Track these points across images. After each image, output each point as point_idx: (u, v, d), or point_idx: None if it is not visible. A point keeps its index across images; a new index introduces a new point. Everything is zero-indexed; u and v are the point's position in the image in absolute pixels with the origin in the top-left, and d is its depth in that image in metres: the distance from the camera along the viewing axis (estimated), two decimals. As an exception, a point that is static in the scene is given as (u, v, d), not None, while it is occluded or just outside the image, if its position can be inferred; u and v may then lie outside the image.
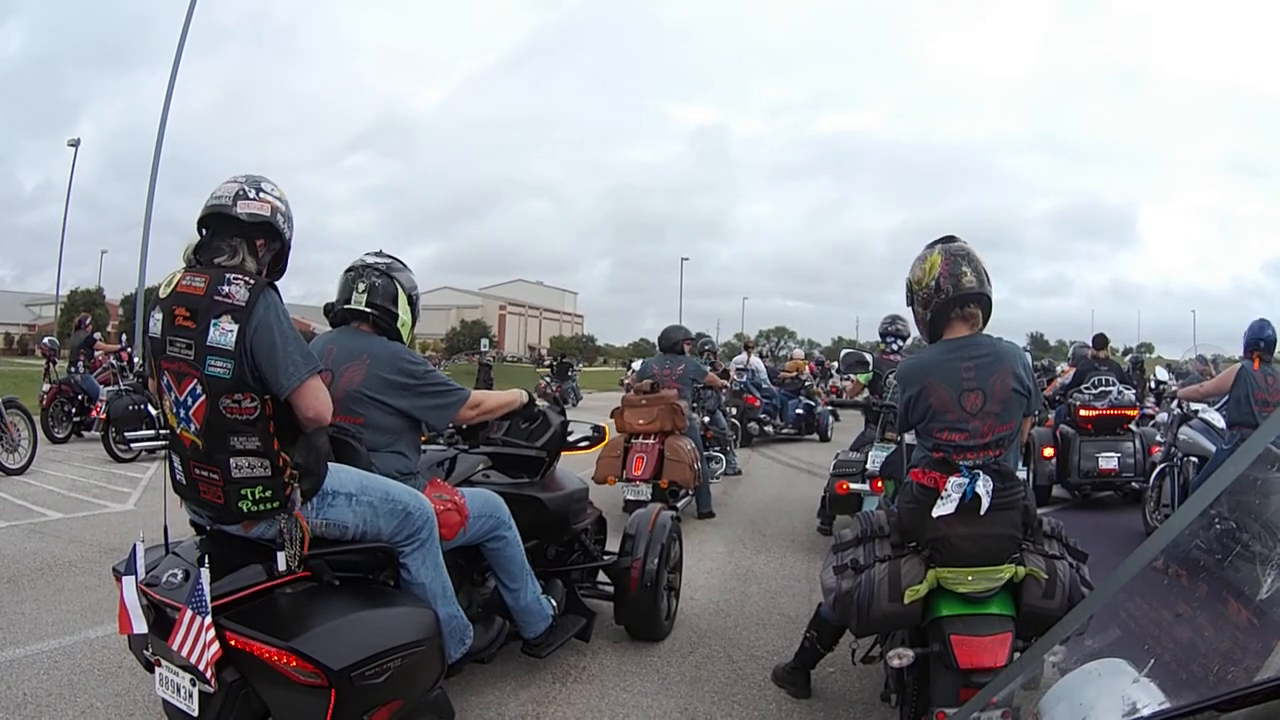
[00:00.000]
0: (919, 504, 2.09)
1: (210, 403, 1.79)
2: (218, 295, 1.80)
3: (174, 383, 1.84)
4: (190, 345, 1.80)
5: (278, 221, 1.97)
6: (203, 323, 1.79)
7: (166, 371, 1.85)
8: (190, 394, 1.81)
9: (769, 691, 2.78)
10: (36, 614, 3.34)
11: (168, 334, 1.84)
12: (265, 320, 1.81)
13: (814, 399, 12.06)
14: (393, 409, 2.32)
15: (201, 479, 1.86)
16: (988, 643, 1.93)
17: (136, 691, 2.59)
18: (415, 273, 2.55)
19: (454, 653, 2.22)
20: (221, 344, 1.78)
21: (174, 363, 1.83)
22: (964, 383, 2.12)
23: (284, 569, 1.89)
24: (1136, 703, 0.98)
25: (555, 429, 3.05)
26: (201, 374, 1.79)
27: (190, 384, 1.81)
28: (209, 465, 1.83)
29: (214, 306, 1.80)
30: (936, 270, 2.18)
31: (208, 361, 1.78)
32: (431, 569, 2.17)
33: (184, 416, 1.84)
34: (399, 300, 2.43)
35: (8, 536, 4.63)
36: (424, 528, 2.14)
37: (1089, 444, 6.29)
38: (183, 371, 1.82)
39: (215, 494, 1.85)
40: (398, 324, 2.43)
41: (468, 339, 51.50)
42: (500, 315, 70.20)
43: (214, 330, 1.78)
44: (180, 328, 1.82)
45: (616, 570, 3.14)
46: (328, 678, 1.72)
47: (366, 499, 2.05)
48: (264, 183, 1.98)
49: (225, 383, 1.79)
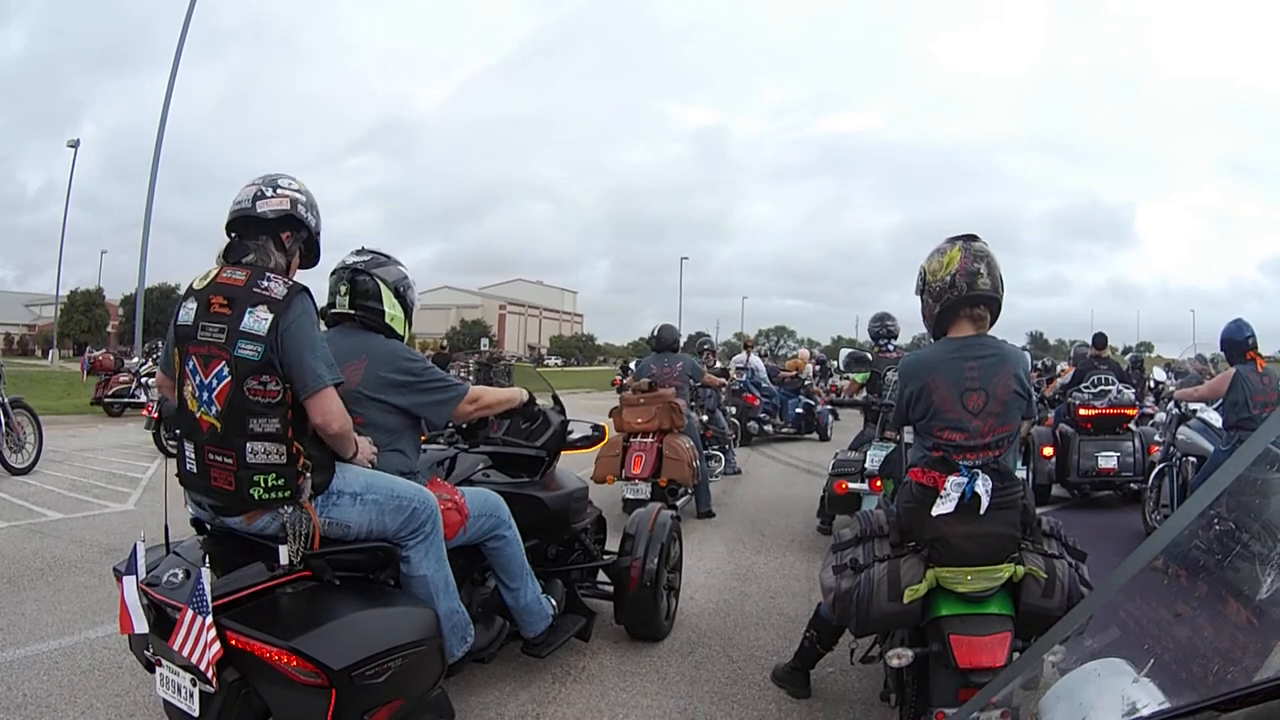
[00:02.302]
0: (918, 503, 2.09)
1: (235, 384, 1.84)
2: (257, 288, 1.89)
3: (200, 366, 1.88)
4: (223, 330, 1.86)
5: (299, 212, 2.05)
6: (239, 310, 1.87)
7: (193, 356, 1.89)
8: (216, 376, 1.86)
9: (768, 691, 2.78)
10: (37, 614, 3.34)
11: (200, 320, 1.90)
12: (299, 322, 1.88)
13: (814, 398, 12.06)
14: (392, 407, 2.32)
15: (214, 464, 1.88)
16: (987, 642, 1.93)
17: (137, 692, 2.59)
18: (416, 272, 2.54)
19: (456, 650, 2.23)
20: (255, 329, 1.85)
21: (203, 346, 1.88)
22: (967, 382, 2.11)
23: (285, 563, 1.89)
24: (1136, 703, 0.98)
25: (555, 428, 3.06)
26: (231, 355, 1.85)
27: (218, 366, 1.86)
28: (225, 449, 1.86)
29: (252, 297, 1.88)
30: (954, 266, 2.17)
31: (239, 344, 1.84)
32: (434, 562, 2.17)
33: (206, 399, 1.87)
34: (383, 296, 2.41)
35: (8, 537, 4.63)
36: (428, 522, 2.16)
37: (1088, 443, 6.29)
38: (211, 354, 1.87)
39: (227, 480, 1.86)
40: (386, 319, 2.41)
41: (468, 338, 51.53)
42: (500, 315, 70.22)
43: (249, 317, 1.86)
44: (215, 314, 1.88)
45: (616, 570, 3.14)
46: (328, 677, 1.72)
47: (372, 497, 2.06)
48: (281, 179, 2.06)
49: (254, 364, 1.84)
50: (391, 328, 2.43)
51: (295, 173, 2.13)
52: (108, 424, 11.11)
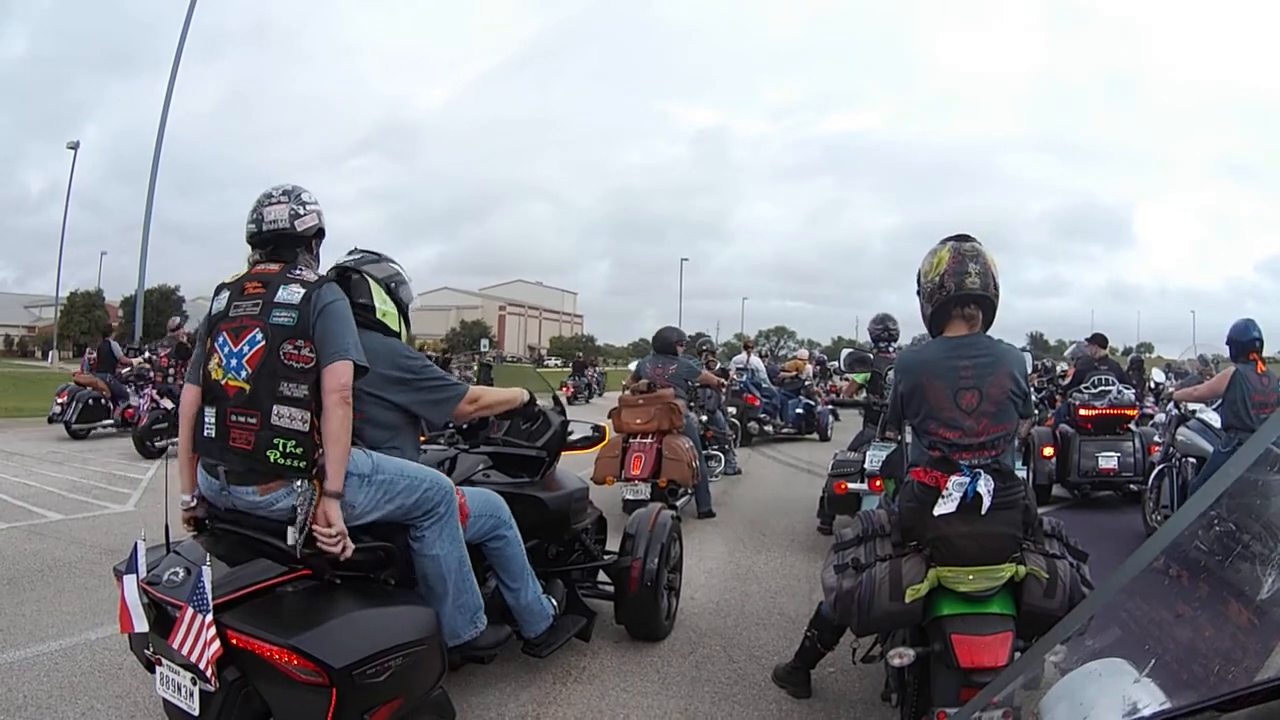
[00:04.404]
0: (920, 503, 2.09)
1: (269, 348, 1.93)
2: (290, 274, 2.03)
3: (230, 338, 1.97)
4: (258, 304, 1.98)
5: (322, 222, 2.20)
6: (274, 288, 1.99)
7: (224, 332, 1.98)
8: (249, 342, 1.95)
9: (769, 691, 2.78)
10: (37, 615, 3.34)
11: (234, 301, 2.01)
12: (339, 305, 2.01)
13: (814, 398, 12.06)
14: (391, 404, 2.32)
15: (236, 425, 1.92)
16: (988, 642, 1.93)
17: (137, 693, 2.59)
18: (416, 274, 2.56)
19: (466, 633, 2.25)
20: (289, 300, 1.97)
21: (235, 320, 1.98)
22: (960, 381, 2.12)
23: (291, 543, 1.88)
24: (1137, 703, 0.98)
25: (555, 429, 3.06)
26: (266, 323, 1.95)
27: (250, 333, 1.95)
28: (250, 410, 1.91)
29: (287, 279, 2.01)
30: (943, 266, 2.19)
31: (273, 314, 1.96)
32: (449, 542, 2.19)
33: (235, 366, 1.94)
34: (373, 292, 2.42)
35: (8, 538, 4.63)
36: (442, 502, 2.18)
37: (1089, 443, 6.29)
38: (243, 325, 1.97)
39: (246, 439, 1.90)
40: (378, 315, 2.41)
41: (468, 339, 51.54)
42: (500, 315, 70.22)
43: (284, 291, 1.98)
44: (250, 294, 2.00)
45: (617, 570, 3.14)
46: (329, 676, 1.72)
47: (381, 478, 2.07)
48: (303, 194, 2.15)
49: (289, 329, 1.94)
50: (385, 324, 2.42)
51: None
52: (108, 424, 11.11)
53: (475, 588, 2.29)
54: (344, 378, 1.94)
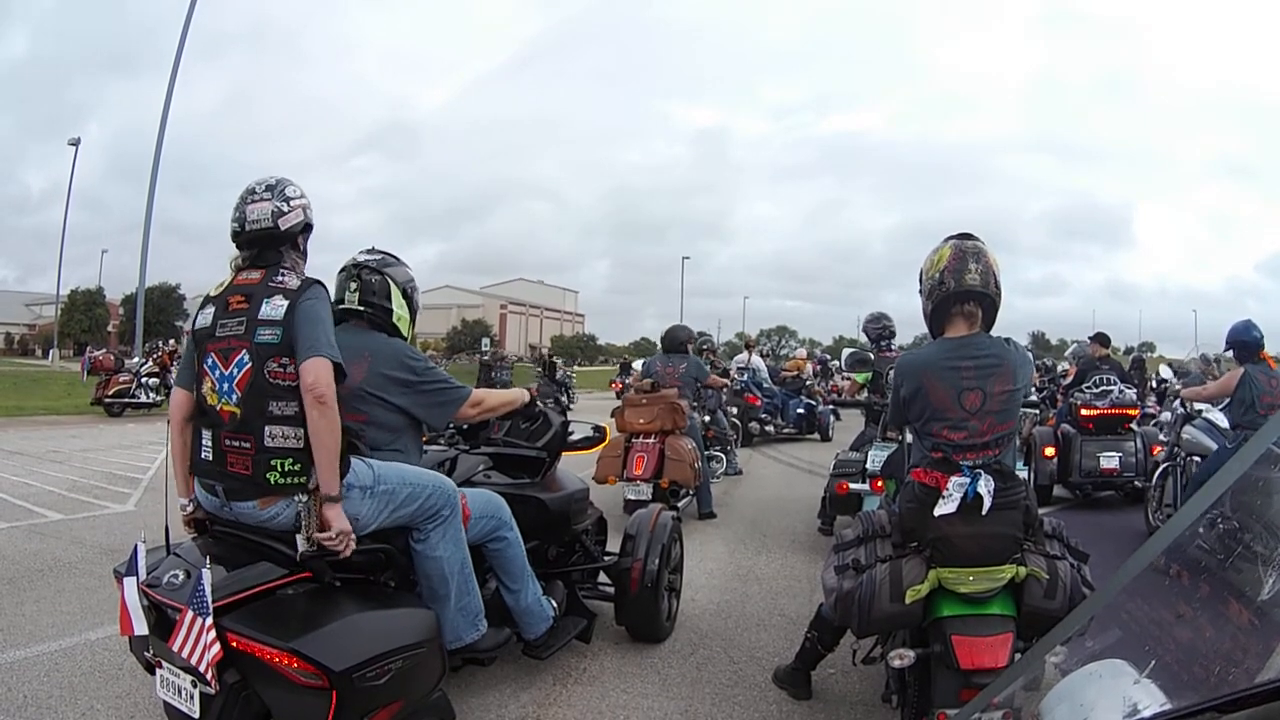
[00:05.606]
0: (920, 503, 2.08)
1: (255, 368, 1.90)
2: (272, 282, 1.98)
3: (220, 360, 1.94)
4: (242, 322, 1.94)
5: (310, 217, 2.14)
6: (256, 302, 1.95)
7: (212, 353, 1.95)
8: (237, 365, 1.92)
9: (770, 693, 2.78)
10: (37, 616, 3.34)
11: (219, 318, 1.97)
12: (312, 305, 1.95)
13: (815, 398, 12.05)
14: (394, 406, 2.32)
15: (231, 450, 1.90)
16: (989, 643, 1.92)
17: (137, 694, 2.59)
18: (417, 272, 2.56)
19: (467, 635, 2.24)
20: (272, 316, 1.92)
21: (222, 341, 1.95)
22: (963, 382, 2.11)
23: (302, 551, 1.88)
24: (1138, 704, 0.98)
25: (556, 429, 3.05)
26: (251, 343, 1.91)
27: (238, 355, 1.92)
28: (243, 435, 1.89)
29: (269, 290, 1.96)
30: (944, 263, 2.19)
31: (258, 332, 1.92)
32: (452, 544, 2.19)
33: (226, 390, 1.91)
34: (393, 295, 2.44)
35: (8, 537, 4.63)
36: (445, 506, 2.18)
37: (1090, 443, 6.27)
38: (231, 346, 1.93)
39: (244, 464, 1.88)
40: (394, 319, 2.44)
41: (469, 338, 51.53)
42: (501, 314, 70.14)
43: (266, 306, 1.94)
44: (234, 311, 1.96)
45: (617, 571, 3.13)
46: (329, 679, 1.72)
47: (383, 488, 2.06)
48: (287, 188, 2.09)
49: (273, 347, 1.90)
50: (397, 327, 2.45)
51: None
52: (108, 424, 11.14)
53: (477, 590, 2.28)
54: (313, 376, 1.86)
